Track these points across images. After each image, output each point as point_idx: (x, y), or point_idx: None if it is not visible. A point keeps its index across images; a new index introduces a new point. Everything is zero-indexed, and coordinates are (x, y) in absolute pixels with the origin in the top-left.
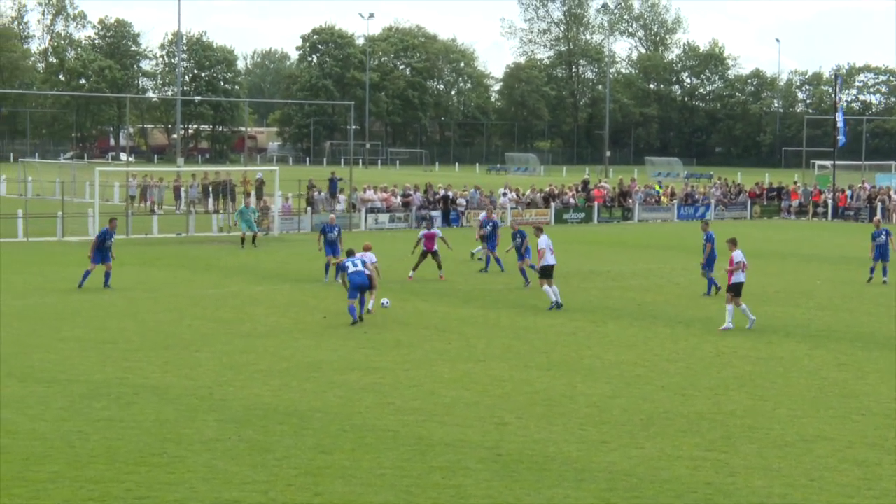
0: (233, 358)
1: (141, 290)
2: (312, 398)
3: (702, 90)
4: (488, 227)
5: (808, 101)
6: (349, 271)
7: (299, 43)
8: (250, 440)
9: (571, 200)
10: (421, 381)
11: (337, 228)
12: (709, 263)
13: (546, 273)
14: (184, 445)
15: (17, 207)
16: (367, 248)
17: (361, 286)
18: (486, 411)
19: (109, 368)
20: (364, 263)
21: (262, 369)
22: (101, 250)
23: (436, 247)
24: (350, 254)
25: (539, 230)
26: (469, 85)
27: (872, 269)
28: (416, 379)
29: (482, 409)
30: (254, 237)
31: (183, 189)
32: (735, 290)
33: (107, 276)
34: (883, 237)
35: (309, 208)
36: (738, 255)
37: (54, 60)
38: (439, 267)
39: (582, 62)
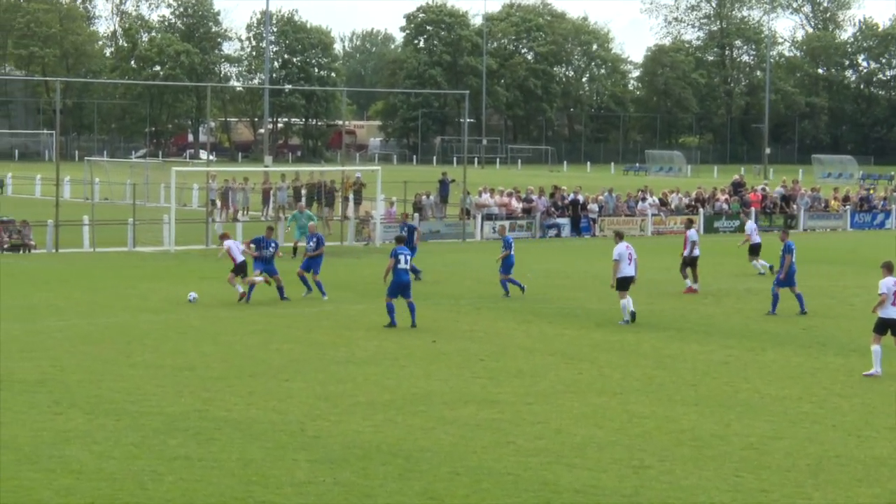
0: (328, 388)
1: (223, 309)
2: (420, 436)
3: (881, 76)
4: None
5: None
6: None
7: (403, 23)
8: (347, 484)
9: (724, 206)
10: (546, 416)
11: (274, 244)
12: (788, 279)
13: (622, 285)
14: (271, 489)
15: (83, 213)
16: (224, 237)
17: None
18: (623, 453)
19: (187, 399)
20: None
21: (361, 402)
22: (263, 260)
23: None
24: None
25: (619, 236)
26: (603, 71)
27: None
28: (540, 414)
29: (618, 450)
30: (294, 248)
31: (271, 192)
32: (878, 328)
33: (280, 290)
34: None
35: (416, 215)
36: (887, 283)
37: (125, 44)
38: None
39: (737, 43)
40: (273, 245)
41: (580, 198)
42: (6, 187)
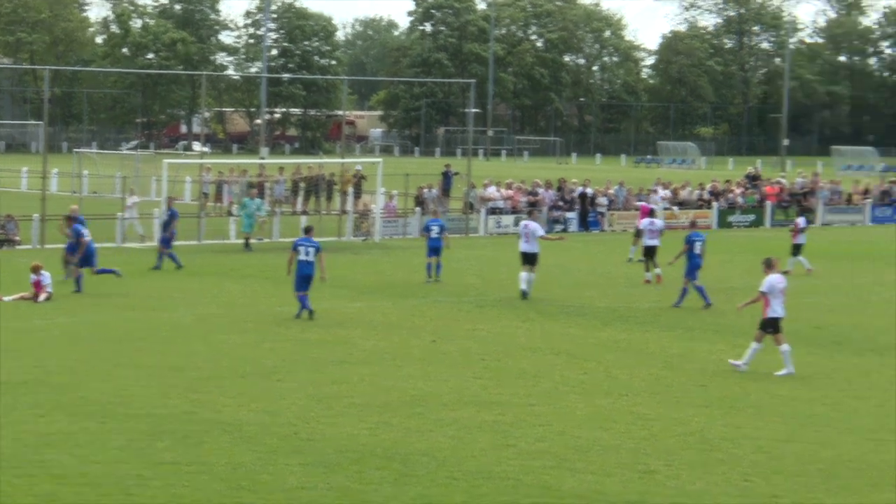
0: (322, 389)
1: (213, 306)
2: (417, 438)
3: None
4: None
5: None
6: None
7: (411, 6)
8: (342, 488)
9: (739, 199)
10: (549, 418)
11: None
12: (689, 271)
13: (526, 260)
14: (261, 495)
15: (71, 206)
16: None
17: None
18: (629, 456)
19: (175, 401)
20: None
21: (357, 403)
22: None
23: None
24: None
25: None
26: (615, 59)
27: None
28: (542, 416)
29: (623, 453)
30: (247, 240)
31: (268, 185)
32: (765, 326)
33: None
34: None
35: (418, 209)
36: (771, 280)
37: (117, 31)
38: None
39: (755, 29)
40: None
41: (589, 191)
42: None
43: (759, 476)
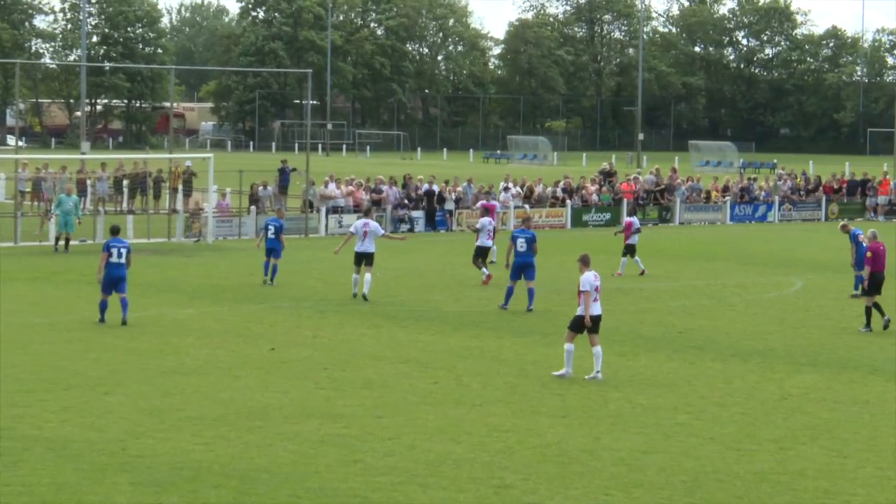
0: (152, 402)
1: (33, 314)
2: (257, 454)
3: (763, 55)
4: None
5: None
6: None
7: None
8: None
9: (595, 197)
10: (398, 431)
11: None
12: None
13: (361, 260)
14: None
15: None
16: None
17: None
18: (483, 470)
19: None
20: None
21: (190, 416)
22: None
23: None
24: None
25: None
26: (460, 48)
27: None
28: (391, 429)
29: (477, 467)
30: (67, 240)
31: (89, 182)
32: (579, 326)
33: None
34: None
35: (253, 207)
36: (588, 278)
37: None
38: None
39: (607, 18)
40: None
41: (436, 188)
42: None
43: (619, 489)
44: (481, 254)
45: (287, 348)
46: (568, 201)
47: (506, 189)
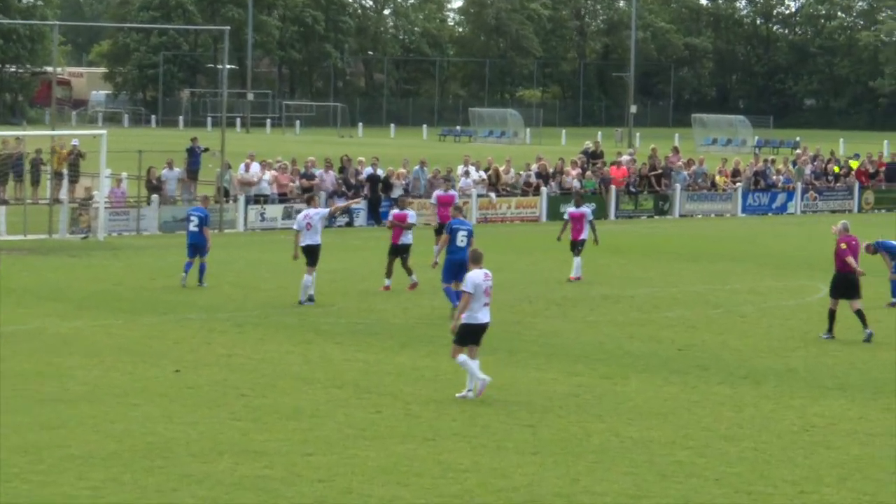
0: (28, 437)
1: None
2: (157, 500)
3: (783, 8)
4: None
5: None
6: None
7: None
8: None
9: (576, 183)
10: (331, 472)
11: None
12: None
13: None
14: None
15: None
16: None
17: None
18: None
19: None
20: None
21: (76, 455)
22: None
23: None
24: None
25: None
26: (412, 1)
27: None
28: (323, 469)
29: None
30: None
31: None
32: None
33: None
34: None
35: (154, 196)
36: (475, 278)
37: None
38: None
39: None
40: None
41: (380, 172)
42: None
43: None
44: (397, 253)
45: (196, 370)
46: (543, 188)
47: (466, 174)
